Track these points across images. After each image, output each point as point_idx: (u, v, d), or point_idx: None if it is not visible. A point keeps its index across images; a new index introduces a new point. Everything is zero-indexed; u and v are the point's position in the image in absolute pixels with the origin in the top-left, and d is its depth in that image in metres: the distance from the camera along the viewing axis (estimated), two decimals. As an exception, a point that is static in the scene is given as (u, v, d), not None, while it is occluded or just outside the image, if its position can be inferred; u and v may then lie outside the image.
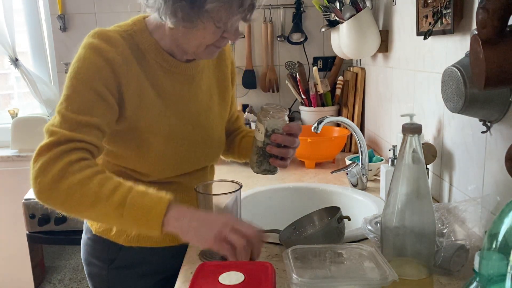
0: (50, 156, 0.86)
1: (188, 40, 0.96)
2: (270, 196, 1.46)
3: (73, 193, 0.85)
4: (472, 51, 0.80)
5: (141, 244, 1.08)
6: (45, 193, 0.86)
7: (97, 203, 0.84)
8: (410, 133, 0.79)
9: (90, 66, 0.93)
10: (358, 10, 1.69)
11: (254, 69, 2.41)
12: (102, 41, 0.95)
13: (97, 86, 0.92)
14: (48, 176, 0.85)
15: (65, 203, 0.86)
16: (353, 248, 0.82)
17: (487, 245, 0.52)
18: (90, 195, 0.84)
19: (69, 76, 0.94)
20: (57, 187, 0.85)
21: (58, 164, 0.85)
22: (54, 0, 2.34)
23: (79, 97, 0.91)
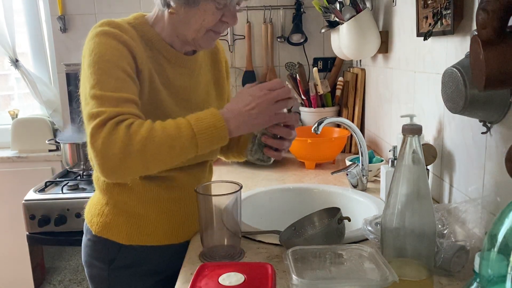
0: (106, 131, 0.85)
1: (189, 24, 0.99)
2: (270, 197, 1.46)
3: (148, 148, 0.85)
4: (472, 52, 0.80)
5: (141, 242, 1.09)
6: (120, 164, 0.85)
7: (174, 144, 0.86)
8: (410, 134, 0.79)
9: (110, 49, 0.94)
10: (358, 11, 1.69)
11: (254, 70, 2.41)
12: (113, 28, 0.97)
13: (123, 65, 0.94)
14: (116, 147, 0.84)
15: (143, 160, 0.86)
16: (353, 249, 0.82)
17: (487, 246, 0.52)
18: (164, 141, 0.86)
19: (92, 62, 0.94)
20: (130, 152, 0.85)
21: (119, 133, 0.85)
22: (54, 1, 2.34)
23: (110, 77, 0.92)
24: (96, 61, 0.93)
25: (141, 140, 0.85)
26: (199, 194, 0.98)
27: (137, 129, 0.86)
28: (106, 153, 0.85)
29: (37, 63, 2.58)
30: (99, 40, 0.95)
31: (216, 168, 1.83)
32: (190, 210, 1.12)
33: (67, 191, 1.95)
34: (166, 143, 0.87)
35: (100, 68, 0.93)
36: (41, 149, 2.43)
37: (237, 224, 1.01)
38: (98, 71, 0.92)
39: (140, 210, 1.08)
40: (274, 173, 1.74)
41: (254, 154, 1.05)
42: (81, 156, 2.09)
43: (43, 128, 2.48)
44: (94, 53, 0.94)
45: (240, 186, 1.00)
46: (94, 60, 0.93)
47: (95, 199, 1.15)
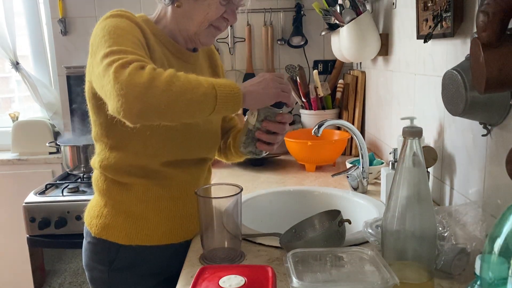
0: (133, 67, 0.83)
1: (192, 18, 1.05)
2: (271, 200, 1.46)
3: (173, 84, 0.84)
4: (472, 54, 0.80)
5: (140, 242, 1.09)
6: (145, 92, 0.82)
7: (197, 87, 0.86)
8: (411, 136, 0.79)
9: (124, 23, 0.97)
10: (358, 14, 1.69)
11: (254, 73, 2.41)
12: (124, 12, 1.00)
13: (138, 36, 0.97)
14: (143, 78, 0.82)
15: (167, 97, 0.83)
16: (354, 251, 0.82)
17: (488, 248, 0.52)
18: (187, 83, 0.85)
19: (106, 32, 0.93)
20: (156, 85, 0.82)
21: (145, 70, 0.84)
22: (55, 4, 2.35)
23: (127, 40, 0.92)
24: (111, 30, 0.93)
25: (167, 77, 0.84)
26: (199, 197, 0.98)
27: (161, 71, 0.85)
28: (132, 82, 0.82)
29: (37, 66, 2.58)
30: (112, 18, 0.98)
31: (217, 170, 1.82)
32: (189, 209, 1.12)
33: (68, 194, 1.95)
34: (190, 85, 0.86)
35: (116, 33, 0.93)
36: (42, 152, 2.44)
37: (237, 227, 1.01)
38: (114, 36, 0.92)
39: (139, 210, 1.09)
40: (275, 176, 1.74)
41: (247, 146, 1.07)
42: (81, 159, 2.09)
43: (44, 130, 2.48)
44: (108, 26, 0.95)
45: (241, 188, 1.00)
46: (108, 30, 0.93)
47: (94, 202, 1.16)
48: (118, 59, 0.85)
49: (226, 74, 2.39)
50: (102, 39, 0.93)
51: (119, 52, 0.88)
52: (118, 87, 0.82)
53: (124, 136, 1.05)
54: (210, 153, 1.21)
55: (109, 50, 0.89)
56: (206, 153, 1.19)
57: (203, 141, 1.15)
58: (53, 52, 2.45)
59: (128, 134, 1.02)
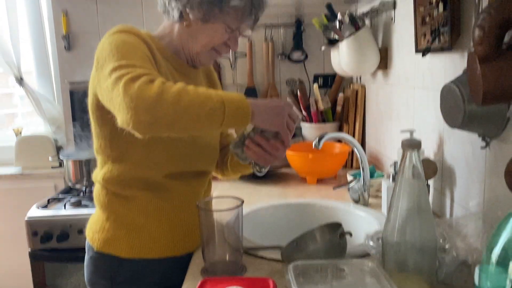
0: (143, 81, 0.86)
1: (197, 38, 1.09)
2: (272, 213, 1.46)
3: (182, 98, 0.86)
4: (469, 67, 0.81)
5: (142, 255, 1.09)
6: (154, 105, 0.84)
7: (205, 102, 0.87)
8: (410, 149, 0.80)
9: (131, 39, 0.99)
10: (357, 29, 1.71)
11: (255, 87, 2.43)
12: (129, 27, 1.03)
13: (145, 50, 0.99)
14: (152, 91, 0.84)
15: (175, 110, 0.85)
16: (355, 263, 0.83)
17: (486, 258, 0.52)
18: (196, 97, 0.87)
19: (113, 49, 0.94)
20: (165, 98, 0.84)
21: (154, 84, 0.86)
22: (59, 20, 2.39)
23: (135, 55, 0.95)
24: (119, 45, 0.95)
25: (176, 90, 0.86)
26: (201, 209, 0.99)
27: (171, 85, 0.87)
28: (142, 95, 0.84)
29: (41, 81, 2.61)
30: (119, 34, 1.00)
31: (218, 183, 1.83)
32: (191, 221, 1.13)
33: (70, 208, 1.95)
34: (199, 99, 0.87)
35: (124, 48, 0.95)
36: (44, 166, 2.45)
37: (238, 240, 1.01)
38: (121, 51, 0.94)
39: (141, 222, 1.09)
40: (276, 189, 1.75)
41: (236, 147, 1.07)
42: (83, 173, 2.10)
43: (47, 145, 2.49)
44: (116, 41, 0.97)
45: (242, 201, 1.00)
46: (116, 45, 0.95)
47: (96, 217, 1.16)
48: (128, 73, 0.87)
49: (227, 88, 2.41)
50: (110, 53, 0.95)
51: (128, 66, 0.90)
52: (128, 100, 0.84)
53: (127, 148, 1.06)
54: (210, 166, 1.22)
55: (117, 64, 0.91)
56: (207, 166, 1.20)
57: (204, 154, 1.17)
58: (57, 67, 2.47)
59: (132, 146, 1.04)
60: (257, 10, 1.09)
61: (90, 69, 1.03)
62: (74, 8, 2.39)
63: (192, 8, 1.04)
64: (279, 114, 0.97)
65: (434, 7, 1.18)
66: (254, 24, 1.13)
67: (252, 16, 1.09)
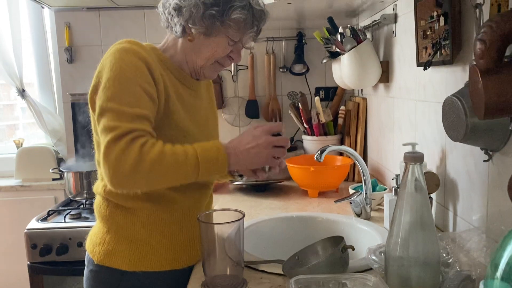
0: (120, 147, 0.92)
1: (200, 52, 1.11)
2: (273, 226, 1.45)
3: (156, 169, 0.94)
4: (471, 81, 0.81)
5: (143, 268, 1.08)
6: (128, 178, 0.93)
7: (179, 169, 0.96)
8: (412, 162, 0.80)
9: (130, 65, 1.00)
10: (358, 42, 1.72)
11: (257, 99, 2.44)
12: (132, 44, 1.04)
13: (141, 82, 1.00)
14: (128, 163, 0.92)
15: (149, 179, 0.95)
16: (358, 278, 0.82)
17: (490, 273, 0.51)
18: (171, 166, 0.95)
19: (111, 76, 0.99)
20: (139, 170, 0.93)
21: (132, 151, 0.92)
22: (62, 33, 2.41)
23: (128, 92, 0.98)
24: (115, 76, 0.99)
25: (150, 161, 0.93)
26: (201, 222, 0.98)
27: (149, 149, 0.94)
28: (117, 168, 0.92)
29: (43, 93, 2.62)
30: (120, 55, 1.01)
31: (219, 196, 1.82)
32: (192, 234, 1.12)
33: (70, 220, 1.94)
34: (172, 167, 0.95)
35: (119, 82, 0.98)
36: (45, 178, 2.44)
37: (239, 253, 1.00)
38: (117, 85, 0.98)
39: (142, 235, 1.09)
40: (277, 201, 1.74)
41: None
42: (84, 185, 2.10)
43: (47, 157, 2.49)
44: (115, 68, 0.99)
45: (243, 214, 1.00)
46: (113, 74, 0.99)
47: (96, 229, 1.16)
48: (113, 129, 0.94)
49: (229, 100, 2.42)
50: (107, 83, 0.98)
51: (115, 117, 0.95)
52: (107, 166, 0.93)
53: None
54: (213, 180, 1.23)
55: (109, 106, 0.96)
56: (210, 180, 1.20)
57: None
58: (59, 80, 2.49)
59: None
60: (259, 21, 1.10)
61: (91, 81, 1.03)
62: (76, 21, 2.41)
63: (194, 23, 1.05)
64: (258, 155, 1.02)
65: (435, 20, 1.18)
66: (257, 35, 1.14)
67: (254, 28, 1.10)
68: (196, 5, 1.03)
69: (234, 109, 2.45)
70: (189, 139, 1.08)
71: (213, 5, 1.04)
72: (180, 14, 1.06)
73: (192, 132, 1.12)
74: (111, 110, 0.96)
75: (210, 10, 1.03)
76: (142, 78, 1.00)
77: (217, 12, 1.04)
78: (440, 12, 1.15)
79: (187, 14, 1.04)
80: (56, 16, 2.42)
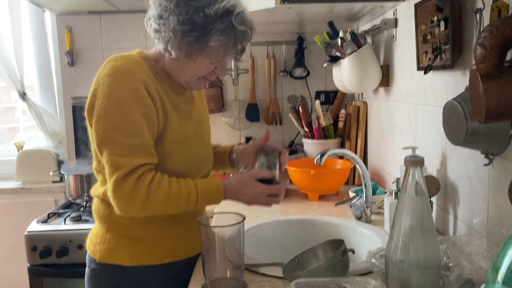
0: (129, 187, 0.99)
1: (185, 70, 1.10)
2: (274, 229, 1.45)
3: (160, 208, 1.04)
4: (472, 85, 0.82)
5: (145, 262, 1.11)
6: (136, 214, 1.05)
7: (180, 208, 1.05)
8: (412, 166, 0.80)
9: (128, 91, 1.01)
10: (359, 46, 1.73)
11: (257, 103, 2.44)
12: (127, 61, 1.04)
13: (140, 108, 1.02)
14: (136, 204, 1.00)
15: (154, 212, 1.05)
16: (358, 281, 0.82)
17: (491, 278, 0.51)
18: (173, 203, 1.04)
19: (110, 106, 1.01)
20: (146, 209, 1.02)
21: (139, 193, 1.00)
22: (63, 36, 2.41)
23: (129, 122, 1.01)
24: (116, 105, 1.01)
25: (156, 202, 1.02)
26: (202, 225, 0.98)
27: (156, 190, 1.01)
28: (126, 208, 1.02)
29: (44, 96, 2.62)
30: (117, 79, 1.01)
31: (219, 200, 1.82)
32: (190, 227, 1.15)
33: (70, 223, 1.94)
34: (175, 205, 1.04)
35: (120, 111, 1.00)
36: (45, 181, 2.44)
37: (240, 256, 1.00)
38: (117, 114, 1.01)
39: (141, 231, 1.11)
40: (277, 205, 1.73)
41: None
42: (84, 188, 2.10)
43: (48, 159, 2.50)
44: (114, 95, 1.01)
45: (243, 217, 1.00)
46: (113, 103, 1.01)
47: (96, 230, 1.17)
48: (118, 167, 1.00)
49: (229, 104, 2.42)
50: (108, 110, 1.01)
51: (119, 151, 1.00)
52: (116, 203, 1.01)
53: None
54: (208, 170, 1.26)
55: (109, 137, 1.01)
56: (208, 168, 1.25)
57: (205, 155, 1.23)
58: (60, 83, 2.49)
59: None
60: (242, 41, 1.07)
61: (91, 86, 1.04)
62: (78, 25, 2.42)
63: (173, 47, 1.04)
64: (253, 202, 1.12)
65: (436, 25, 1.19)
66: (240, 54, 1.12)
67: (237, 48, 1.08)
68: (174, 30, 1.01)
69: (234, 113, 2.45)
70: (186, 146, 1.12)
71: (191, 31, 1.00)
72: (160, 37, 1.04)
73: (188, 137, 1.14)
74: (114, 142, 1.00)
75: (187, 36, 1.01)
76: (141, 102, 1.02)
77: (195, 38, 1.01)
78: (441, 17, 1.15)
79: (166, 38, 1.03)
80: (58, 19, 2.42)
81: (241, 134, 2.47)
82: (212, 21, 1.00)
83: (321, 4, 1.60)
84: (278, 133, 2.46)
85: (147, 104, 1.03)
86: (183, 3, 1.01)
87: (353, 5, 1.65)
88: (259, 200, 1.11)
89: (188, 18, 1.00)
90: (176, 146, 1.10)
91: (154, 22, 1.04)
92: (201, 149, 1.21)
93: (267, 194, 1.10)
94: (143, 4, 1.09)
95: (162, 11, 1.02)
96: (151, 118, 1.04)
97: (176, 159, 1.10)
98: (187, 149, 1.13)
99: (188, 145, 1.13)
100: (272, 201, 1.13)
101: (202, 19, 1.00)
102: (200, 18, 1.00)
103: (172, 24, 1.00)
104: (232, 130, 2.45)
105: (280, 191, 1.12)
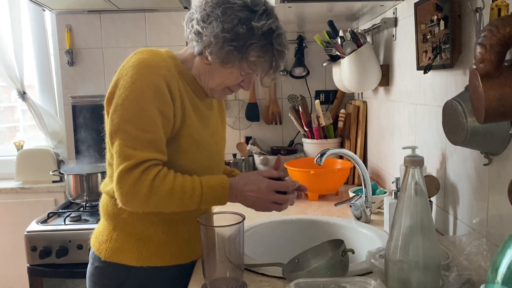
0: (133, 178, 0.99)
1: (213, 77, 1.11)
2: (273, 229, 1.45)
3: (163, 204, 1.03)
4: (471, 85, 0.81)
5: (150, 263, 1.11)
6: (138, 207, 1.05)
7: (184, 204, 1.04)
8: (412, 166, 0.80)
9: (149, 85, 1.02)
10: (359, 46, 1.72)
11: (257, 102, 2.44)
12: (153, 56, 1.05)
13: (158, 103, 1.02)
14: (139, 196, 1.00)
15: (157, 207, 1.04)
16: (358, 281, 0.82)
17: (491, 277, 0.51)
18: (177, 199, 1.02)
19: (129, 97, 1.01)
20: (148, 203, 1.01)
21: (144, 185, 0.99)
22: (63, 35, 2.41)
23: (145, 116, 1.01)
24: (134, 96, 1.01)
25: (159, 197, 1.01)
26: (202, 225, 0.98)
27: (160, 184, 1.00)
28: (129, 199, 1.01)
29: (44, 95, 2.62)
30: (140, 72, 1.02)
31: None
32: (194, 231, 1.15)
33: (70, 223, 1.94)
34: (179, 201, 1.03)
35: (137, 104, 1.01)
36: (45, 180, 2.44)
37: (239, 256, 1.00)
38: (134, 106, 1.01)
39: (149, 232, 1.12)
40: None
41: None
42: (84, 187, 2.09)
43: (48, 159, 2.49)
44: (135, 86, 1.01)
45: (243, 217, 1.00)
46: (132, 94, 1.01)
47: (101, 227, 1.18)
48: (126, 158, 1.00)
49: (229, 103, 2.42)
50: (125, 100, 1.01)
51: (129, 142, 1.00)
52: (119, 194, 1.01)
53: None
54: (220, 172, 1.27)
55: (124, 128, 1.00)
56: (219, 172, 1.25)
57: (218, 161, 1.23)
58: (59, 82, 2.49)
59: None
60: (277, 61, 1.09)
61: (92, 84, 1.04)
62: (78, 24, 2.42)
63: (211, 52, 1.05)
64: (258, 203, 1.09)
65: (435, 24, 1.19)
66: (275, 72, 1.12)
67: (273, 66, 1.09)
68: (216, 36, 1.02)
69: (234, 112, 2.45)
70: (201, 150, 1.12)
71: (233, 40, 1.02)
72: (200, 40, 1.05)
73: (204, 142, 1.14)
74: (126, 133, 1.00)
75: (228, 45, 1.02)
76: (160, 98, 1.02)
77: (235, 48, 1.03)
78: (440, 16, 1.15)
79: (206, 42, 1.04)
80: (57, 18, 2.42)
81: (241, 134, 2.47)
82: (254, 36, 1.03)
83: (321, 3, 1.60)
84: (278, 133, 2.46)
85: (166, 101, 1.03)
86: (230, 11, 1.02)
87: (353, 4, 1.65)
88: (265, 196, 1.07)
89: (232, 27, 1.02)
90: (191, 147, 1.10)
91: (197, 24, 1.05)
92: (215, 155, 1.21)
93: (273, 189, 1.07)
94: (143, 3, 1.09)
95: (206, 16, 1.04)
96: (167, 115, 1.04)
97: (189, 160, 1.10)
98: (201, 152, 1.13)
99: (203, 148, 1.13)
100: (279, 199, 1.08)
101: (245, 31, 1.02)
102: (243, 30, 1.02)
103: (216, 30, 1.02)
104: (232, 129, 2.45)
105: (288, 188, 1.09)
